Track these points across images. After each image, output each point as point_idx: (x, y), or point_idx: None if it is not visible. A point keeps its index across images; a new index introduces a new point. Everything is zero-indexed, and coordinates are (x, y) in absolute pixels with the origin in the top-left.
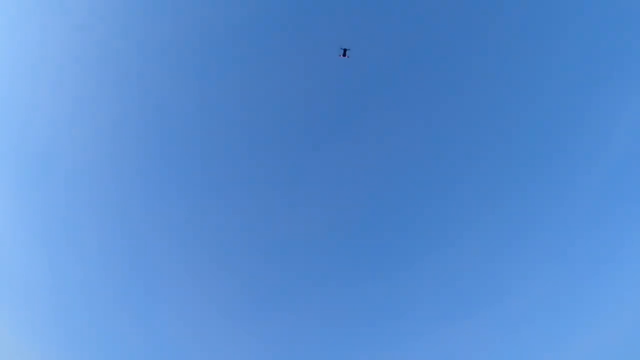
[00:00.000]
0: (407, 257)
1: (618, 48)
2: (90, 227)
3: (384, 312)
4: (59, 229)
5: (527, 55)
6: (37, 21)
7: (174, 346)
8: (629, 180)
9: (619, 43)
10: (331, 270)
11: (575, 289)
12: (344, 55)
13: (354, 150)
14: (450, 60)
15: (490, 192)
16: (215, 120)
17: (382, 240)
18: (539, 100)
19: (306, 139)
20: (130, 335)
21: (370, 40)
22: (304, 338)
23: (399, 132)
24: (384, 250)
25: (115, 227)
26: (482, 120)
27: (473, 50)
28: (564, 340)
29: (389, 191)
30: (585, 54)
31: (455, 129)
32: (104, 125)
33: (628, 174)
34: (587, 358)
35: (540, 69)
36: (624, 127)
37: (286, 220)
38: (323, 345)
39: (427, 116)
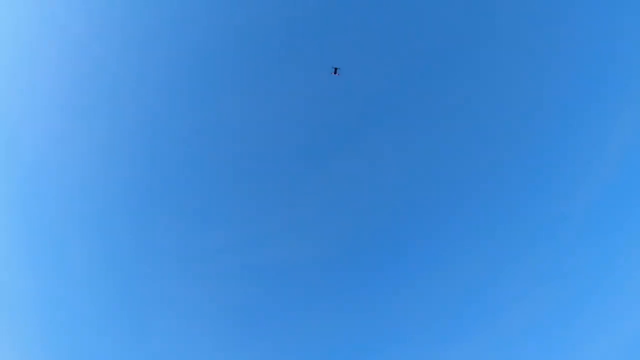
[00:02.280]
0: (401, 280)
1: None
2: (76, 243)
3: (379, 336)
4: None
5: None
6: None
7: None
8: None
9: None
10: (325, 295)
11: (571, 313)
12: (335, 73)
13: (349, 175)
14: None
15: (485, 216)
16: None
17: (377, 264)
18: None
19: (300, 159)
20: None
21: (369, 62)
22: None
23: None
24: (379, 275)
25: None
26: (478, 149)
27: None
28: None
29: (383, 216)
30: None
31: (450, 155)
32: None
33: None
34: None
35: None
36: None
37: (278, 247)
38: None
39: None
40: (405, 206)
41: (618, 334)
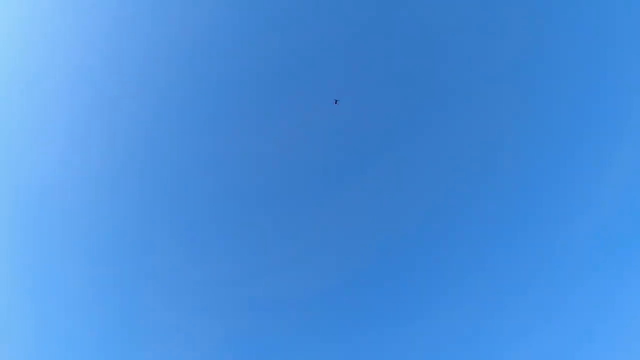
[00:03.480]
0: (398, 317)
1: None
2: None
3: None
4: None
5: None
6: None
7: None
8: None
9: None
10: (325, 320)
11: (571, 344)
12: (335, 103)
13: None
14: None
15: (485, 242)
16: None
17: (372, 301)
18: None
19: (303, 189)
20: None
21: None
22: None
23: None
24: (377, 310)
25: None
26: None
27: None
28: None
29: (382, 244)
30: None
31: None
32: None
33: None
34: None
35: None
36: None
37: (281, 278)
38: None
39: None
40: (410, 235)
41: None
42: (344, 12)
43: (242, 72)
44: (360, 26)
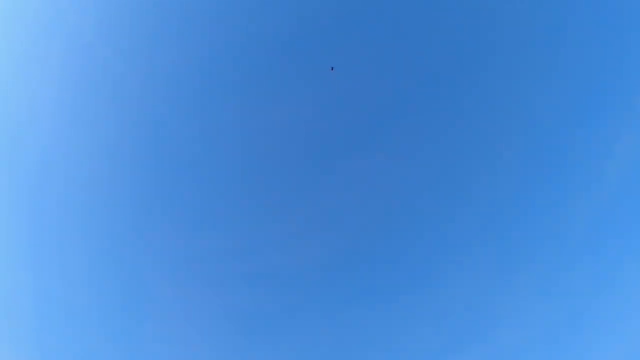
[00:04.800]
0: (397, 292)
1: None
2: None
3: (373, 345)
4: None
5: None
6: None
7: None
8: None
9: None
10: (322, 304)
11: (570, 327)
12: (332, 69)
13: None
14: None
15: (484, 227)
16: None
17: (373, 276)
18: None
19: (304, 162)
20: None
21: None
22: None
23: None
24: (375, 285)
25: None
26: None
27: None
28: None
29: (381, 227)
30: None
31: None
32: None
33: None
34: None
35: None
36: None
37: (279, 252)
38: None
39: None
40: (409, 212)
41: (623, 341)
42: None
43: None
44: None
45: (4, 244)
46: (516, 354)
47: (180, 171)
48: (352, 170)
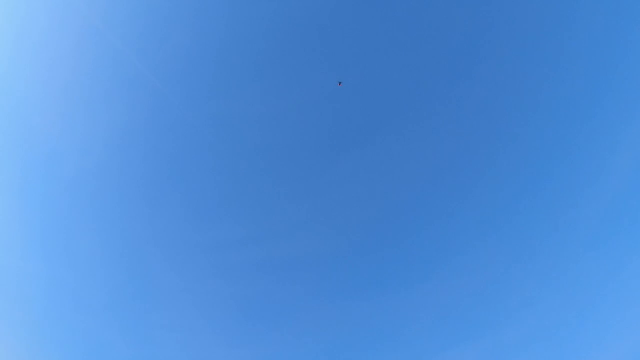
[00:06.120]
0: (403, 282)
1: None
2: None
3: (376, 336)
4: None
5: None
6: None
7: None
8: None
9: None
10: (327, 290)
11: (575, 318)
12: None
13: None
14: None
15: (490, 213)
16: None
17: (378, 265)
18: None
19: (315, 152)
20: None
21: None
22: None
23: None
24: (381, 275)
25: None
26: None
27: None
28: None
29: (385, 218)
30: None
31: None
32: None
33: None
34: None
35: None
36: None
37: (291, 240)
38: None
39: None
40: (414, 204)
41: (628, 336)
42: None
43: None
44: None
45: (14, 233)
46: (520, 348)
47: (189, 161)
48: (358, 162)
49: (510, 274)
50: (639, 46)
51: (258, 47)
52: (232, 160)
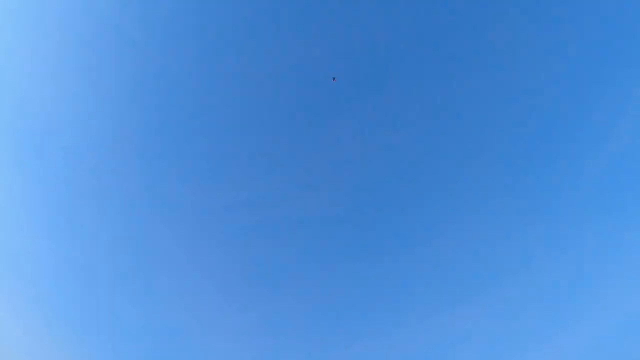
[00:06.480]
0: (403, 243)
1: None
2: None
3: (379, 298)
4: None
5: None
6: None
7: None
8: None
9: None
10: (328, 255)
11: (574, 281)
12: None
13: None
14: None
15: (490, 180)
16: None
17: (378, 227)
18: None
19: (311, 115)
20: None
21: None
22: (297, 323)
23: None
24: (380, 237)
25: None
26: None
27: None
28: (558, 332)
29: (385, 180)
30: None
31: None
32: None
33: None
34: (584, 349)
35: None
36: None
37: (288, 204)
38: (315, 330)
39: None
40: (417, 164)
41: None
42: None
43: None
44: None
45: (17, 203)
46: (522, 307)
47: (188, 126)
48: (357, 122)
49: (511, 235)
50: None
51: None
52: (231, 124)
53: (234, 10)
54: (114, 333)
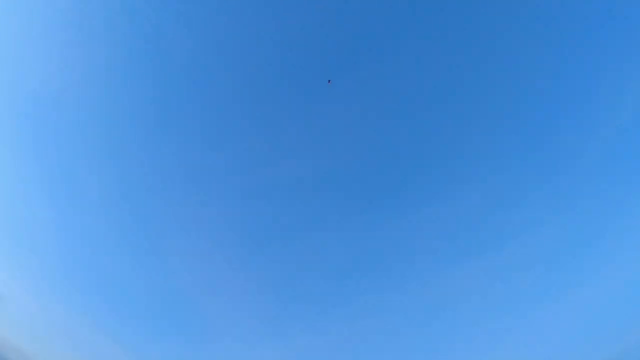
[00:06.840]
0: (406, 203)
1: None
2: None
3: (383, 257)
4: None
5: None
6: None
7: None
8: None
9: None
10: (331, 216)
11: (577, 241)
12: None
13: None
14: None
15: (493, 142)
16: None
17: (382, 186)
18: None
19: (308, 77)
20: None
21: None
22: (300, 283)
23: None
24: (383, 197)
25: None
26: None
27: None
28: (561, 292)
29: (386, 139)
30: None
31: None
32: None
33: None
34: (584, 311)
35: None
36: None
37: (282, 164)
38: (319, 290)
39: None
40: (426, 122)
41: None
42: None
43: None
44: None
45: (22, 166)
46: (524, 266)
47: (186, 86)
48: (359, 80)
49: (516, 195)
50: None
51: None
52: (230, 83)
53: None
54: (116, 293)
